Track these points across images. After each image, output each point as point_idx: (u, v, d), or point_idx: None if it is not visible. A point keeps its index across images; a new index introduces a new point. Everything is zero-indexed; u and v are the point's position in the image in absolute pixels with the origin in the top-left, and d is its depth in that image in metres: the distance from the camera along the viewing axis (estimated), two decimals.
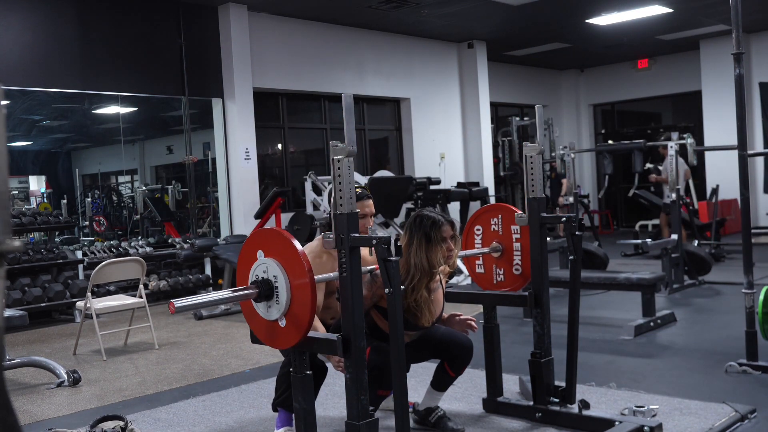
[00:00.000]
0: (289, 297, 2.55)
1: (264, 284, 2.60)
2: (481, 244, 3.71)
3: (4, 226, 0.84)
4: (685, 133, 8.06)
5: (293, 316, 2.57)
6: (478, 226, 3.74)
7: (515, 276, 3.64)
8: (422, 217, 3.16)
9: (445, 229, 3.13)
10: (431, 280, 3.15)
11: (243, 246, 2.75)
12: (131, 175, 11.21)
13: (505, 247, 3.64)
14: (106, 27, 8.05)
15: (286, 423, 3.36)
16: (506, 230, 3.63)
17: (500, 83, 13.17)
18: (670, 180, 7.51)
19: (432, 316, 3.19)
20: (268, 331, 2.68)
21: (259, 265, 2.64)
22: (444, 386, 3.44)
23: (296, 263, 2.53)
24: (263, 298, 2.62)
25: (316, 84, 10.03)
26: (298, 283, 2.53)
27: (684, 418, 3.37)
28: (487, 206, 3.98)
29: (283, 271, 2.56)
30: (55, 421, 3.87)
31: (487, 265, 3.75)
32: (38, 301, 6.71)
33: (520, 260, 3.60)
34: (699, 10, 10.34)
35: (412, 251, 3.10)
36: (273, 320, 2.63)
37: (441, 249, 3.10)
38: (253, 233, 2.77)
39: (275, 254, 2.60)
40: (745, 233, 4.21)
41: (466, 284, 8.22)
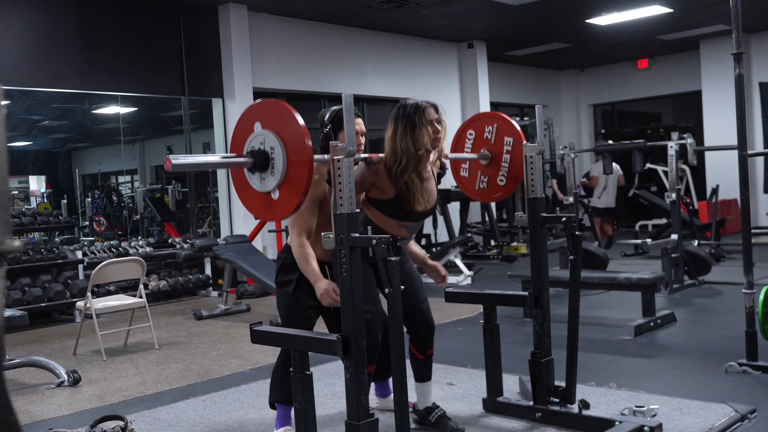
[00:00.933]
0: (285, 167, 2.46)
1: (260, 155, 2.52)
2: (471, 149, 3.66)
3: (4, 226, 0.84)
4: (685, 133, 8.06)
5: (288, 188, 2.48)
6: (471, 131, 3.68)
7: (498, 186, 3.61)
8: (405, 105, 3.13)
9: (429, 112, 3.10)
10: (419, 164, 3.10)
11: (240, 117, 2.65)
12: (131, 175, 11.21)
13: (495, 155, 3.59)
14: (106, 27, 8.05)
15: (285, 422, 3.36)
16: (499, 140, 3.58)
17: (500, 83, 13.17)
18: (670, 180, 7.50)
19: (426, 204, 3.16)
20: (263, 203, 2.60)
21: (255, 136, 2.55)
22: (423, 375, 3.42)
23: (293, 131, 2.43)
24: (258, 169, 2.53)
25: (316, 84, 10.03)
26: (296, 160, 2.44)
27: (684, 418, 3.37)
28: (483, 113, 3.89)
29: (280, 142, 2.46)
30: (55, 421, 3.87)
31: (473, 170, 3.70)
32: (38, 301, 6.71)
33: (506, 172, 3.56)
34: (699, 10, 10.34)
35: (398, 137, 3.07)
36: (266, 192, 2.55)
37: (427, 131, 3.07)
38: (252, 105, 2.66)
39: (273, 126, 2.51)
40: (745, 233, 4.21)
41: (466, 284, 8.22)
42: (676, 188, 7.38)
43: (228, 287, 7.10)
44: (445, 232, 10.07)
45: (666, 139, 9.81)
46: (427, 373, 3.44)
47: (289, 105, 2.53)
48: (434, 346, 3.46)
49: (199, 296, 8.37)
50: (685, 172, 11.56)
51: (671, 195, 7.32)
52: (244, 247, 7.11)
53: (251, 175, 2.58)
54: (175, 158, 2.39)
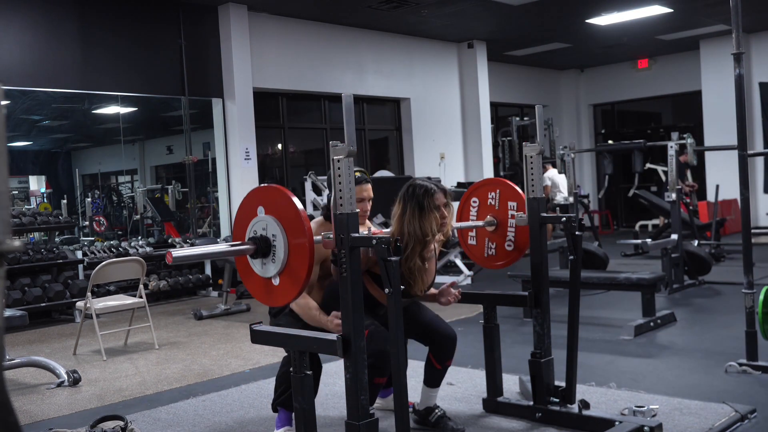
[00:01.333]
0: (286, 256, 2.50)
1: (262, 241, 2.56)
2: (476, 216, 3.69)
3: (4, 226, 0.84)
4: (685, 133, 8.06)
5: (289, 276, 2.52)
6: (475, 199, 3.72)
7: (507, 251, 3.63)
8: (414, 186, 3.14)
9: (438, 197, 3.12)
10: (425, 249, 3.13)
11: (243, 200, 2.68)
12: (131, 175, 11.20)
13: (500, 221, 3.62)
14: (106, 27, 8.06)
15: (285, 423, 3.36)
16: (503, 205, 3.61)
17: (500, 83, 13.17)
18: (671, 180, 7.51)
19: (424, 285, 3.18)
20: (264, 289, 2.64)
21: (258, 221, 2.59)
22: (435, 382, 3.42)
23: (296, 223, 2.48)
24: (260, 255, 2.58)
25: (316, 84, 10.03)
26: (297, 243, 2.48)
27: (684, 418, 3.37)
28: (485, 180, 3.95)
29: (282, 231, 2.51)
30: (55, 421, 3.87)
31: (480, 238, 3.73)
32: (38, 301, 6.71)
33: (513, 236, 3.58)
34: (699, 10, 10.35)
35: (406, 220, 3.08)
36: (268, 278, 2.60)
37: (434, 217, 3.08)
38: (255, 189, 2.70)
39: (276, 212, 2.54)
40: (745, 233, 4.21)
41: (466, 284, 8.22)
42: (676, 188, 7.38)
43: (228, 287, 7.10)
44: None
45: (666, 139, 9.81)
46: (440, 381, 3.45)
47: (289, 192, 2.57)
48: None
49: (199, 296, 8.37)
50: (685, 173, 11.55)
51: (671, 195, 7.32)
52: None
53: (253, 260, 2.63)
54: (177, 252, 2.45)
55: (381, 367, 2.97)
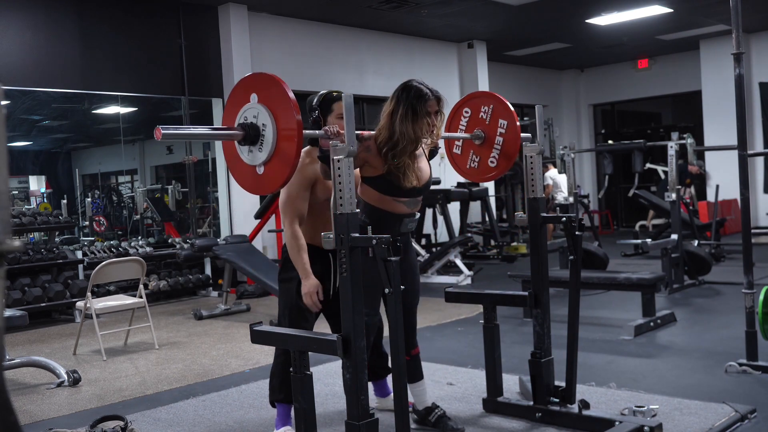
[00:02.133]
0: (274, 145, 2.47)
1: (251, 128, 2.52)
2: (466, 127, 3.66)
3: (4, 226, 0.84)
4: (685, 133, 8.06)
5: (276, 163, 2.49)
6: (467, 109, 3.68)
7: (489, 167, 3.60)
8: (410, 87, 3.10)
9: (431, 104, 3.09)
10: (416, 149, 3.12)
11: (237, 84, 2.63)
12: (131, 175, 11.20)
13: (488, 136, 3.59)
14: (106, 27, 8.05)
15: (285, 422, 3.35)
16: (494, 121, 3.58)
17: (500, 83, 13.17)
18: (671, 180, 7.51)
19: (417, 180, 3.14)
20: (251, 177, 2.60)
21: (249, 108, 2.55)
22: (414, 375, 3.39)
23: (288, 115, 2.44)
24: (247, 142, 2.54)
25: (316, 84, 10.01)
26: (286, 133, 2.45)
27: (684, 418, 3.37)
28: (481, 92, 3.91)
29: (272, 122, 2.47)
30: (55, 421, 3.87)
31: (466, 148, 3.70)
32: (38, 301, 6.71)
33: (498, 154, 3.56)
34: (699, 10, 10.34)
35: (397, 119, 3.05)
36: (254, 165, 2.57)
37: (426, 122, 3.07)
38: (252, 75, 2.64)
39: (268, 101, 2.50)
40: (745, 233, 4.21)
41: (466, 284, 8.22)
42: (676, 188, 7.38)
43: (228, 287, 7.10)
44: (445, 232, 10.07)
45: (666, 139, 9.81)
46: (417, 372, 3.41)
47: (283, 81, 2.51)
48: (434, 346, 3.46)
49: (199, 296, 8.37)
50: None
51: (671, 195, 7.33)
52: (244, 247, 7.11)
53: (241, 147, 2.59)
54: (165, 129, 2.40)
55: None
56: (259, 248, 8.19)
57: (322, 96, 3.30)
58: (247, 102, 2.56)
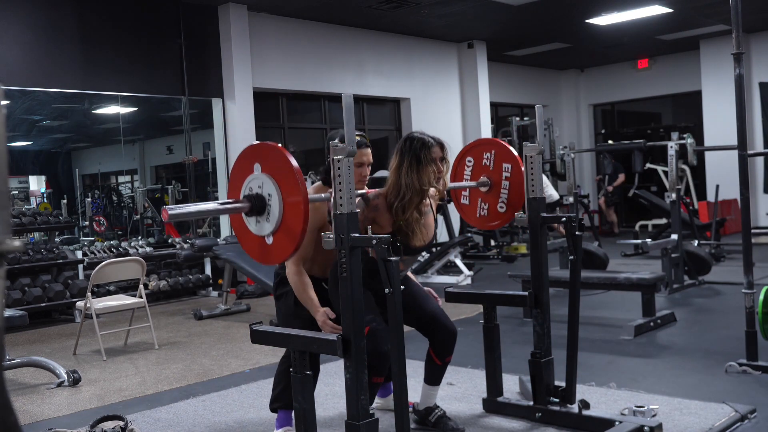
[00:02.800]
0: (281, 215, 2.49)
1: (257, 199, 2.54)
2: (471, 176, 3.68)
3: (4, 226, 0.84)
4: (685, 133, 8.06)
5: (284, 234, 2.51)
6: (470, 158, 3.71)
7: (499, 213, 3.62)
8: (412, 138, 3.14)
9: (435, 150, 3.12)
10: (422, 201, 3.13)
11: (240, 155, 2.66)
12: (131, 175, 11.20)
13: (494, 182, 3.61)
14: (106, 27, 8.05)
15: (285, 423, 3.36)
16: (497, 166, 3.60)
17: (500, 83, 13.17)
18: (670, 181, 7.51)
19: (423, 239, 3.17)
20: (259, 247, 2.63)
21: (254, 178, 2.57)
22: (435, 379, 3.41)
23: (292, 182, 2.47)
24: (254, 213, 2.57)
25: (316, 84, 10.03)
26: (292, 202, 2.47)
27: (684, 418, 3.37)
28: (481, 140, 3.94)
29: (277, 189, 2.49)
30: (55, 421, 3.87)
31: (473, 197, 3.72)
32: (38, 301, 6.71)
33: (506, 198, 3.58)
34: (699, 10, 10.34)
35: (403, 172, 3.08)
36: (262, 236, 2.59)
37: (431, 170, 3.09)
38: (254, 145, 2.68)
39: (272, 171, 2.53)
40: (745, 233, 4.21)
41: (466, 284, 8.22)
42: (676, 188, 7.38)
43: (228, 287, 7.10)
44: (445, 232, 10.06)
45: (666, 139, 9.81)
46: (440, 378, 3.44)
47: (285, 149, 2.55)
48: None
49: (199, 296, 8.37)
50: (685, 172, 11.56)
51: (671, 195, 7.33)
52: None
53: (248, 218, 2.62)
54: (172, 209, 2.43)
55: (378, 367, 2.96)
56: None
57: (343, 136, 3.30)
58: (250, 172, 2.59)
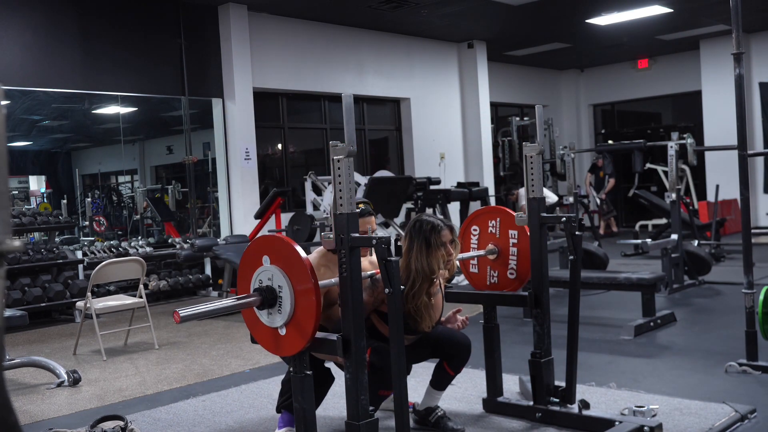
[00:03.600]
0: (292, 308, 2.56)
1: (268, 292, 2.61)
2: (477, 245, 3.72)
3: (4, 226, 0.84)
4: (685, 133, 8.06)
5: (296, 326, 2.57)
6: (475, 227, 3.75)
7: (509, 279, 3.65)
8: (422, 222, 3.18)
9: (444, 234, 3.15)
10: (431, 285, 3.16)
11: (248, 248, 2.73)
12: (131, 175, 11.21)
13: (501, 249, 3.65)
14: (106, 27, 8.05)
15: (288, 424, 3.35)
16: (503, 233, 3.64)
17: (500, 83, 13.17)
18: (670, 181, 7.50)
19: (432, 321, 3.21)
20: (272, 339, 2.69)
21: (263, 271, 2.64)
22: (443, 385, 3.44)
23: (302, 275, 2.53)
24: (266, 306, 2.63)
25: (316, 84, 10.03)
26: (302, 291, 2.53)
27: (684, 418, 3.37)
28: (485, 208, 3.99)
29: (288, 282, 2.55)
30: (55, 421, 3.87)
31: (482, 266, 3.76)
32: (38, 301, 6.71)
33: (515, 264, 3.61)
34: (699, 10, 10.34)
35: (413, 256, 3.12)
36: (275, 328, 2.65)
37: (441, 254, 3.12)
38: (261, 238, 2.75)
39: (281, 262, 2.59)
40: (745, 233, 4.21)
41: (466, 284, 8.21)
42: (676, 188, 7.38)
43: (228, 287, 7.10)
44: None
45: (666, 139, 9.81)
46: (447, 384, 3.45)
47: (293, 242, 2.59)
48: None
49: (199, 296, 8.37)
50: (685, 172, 11.56)
51: (671, 195, 7.32)
52: (243, 247, 7.08)
53: (260, 311, 2.67)
54: (183, 311, 2.45)
55: (386, 380, 2.96)
56: None
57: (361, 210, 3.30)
58: (260, 265, 2.64)
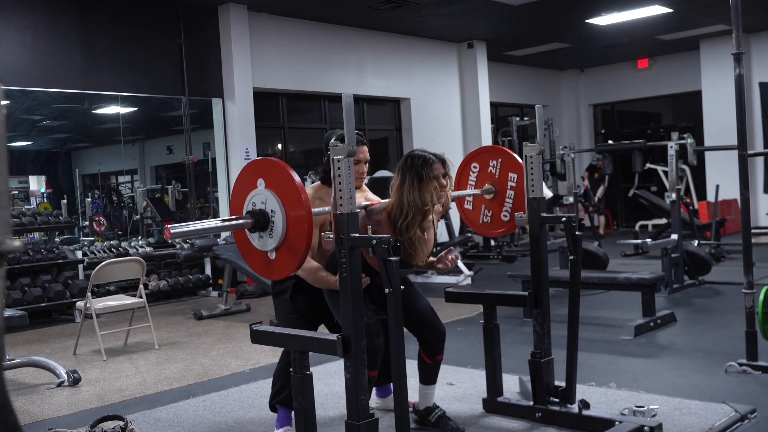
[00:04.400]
0: (284, 233, 2.50)
1: (260, 215, 2.55)
2: (475, 183, 3.67)
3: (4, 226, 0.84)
4: (685, 133, 8.06)
5: (287, 250, 2.52)
6: (476, 164, 3.69)
7: (502, 221, 3.62)
8: (413, 156, 3.12)
9: (437, 167, 3.10)
10: (425, 219, 3.12)
11: (242, 170, 2.66)
12: (131, 175, 11.21)
13: (499, 190, 3.61)
14: (106, 27, 8.05)
15: (285, 423, 3.36)
16: (503, 174, 3.60)
17: (500, 83, 13.17)
18: (670, 181, 7.50)
19: (424, 255, 3.17)
20: (263, 262, 2.63)
21: (257, 194, 2.58)
22: (429, 378, 3.41)
23: (295, 199, 2.48)
24: (258, 229, 2.58)
25: (316, 84, 10.02)
26: (295, 217, 2.47)
27: (684, 418, 3.37)
28: (488, 146, 3.94)
29: (281, 206, 2.50)
30: (55, 421, 3.87)
31: (477, 204, 3.71)
32: (38, 301, 6.71)
33: (510, 207, 3.57)
34: (699, 10, 10.34)
35: (405, 190, 3.07)
36: (266, 251, 2.60)
37: (433, 187, 3.07)
38: (258, 160, 2.67)
39: (275, 186, 2.53)
40: (745, 233, 4.21)
41: (466, 284, 8.22)
42: (676, 188, 7.38)
43: (228, 287, 7.10)
44: (445, 232, 10.07)
45: (666, 139, 9.80)
46: (434, 377, 3.44)
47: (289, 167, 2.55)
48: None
49: (199, 296, 8.37)
50: (685, 172, 11.56)
51: (671, 195, 7.32)
52: None
53: (251, 234, 2.63)
54: (174, 228, 2.43)
55: (371, 360, 2.96)
56: None
57: (340, 136, 3.30)
58: (254, 188, 2.59)
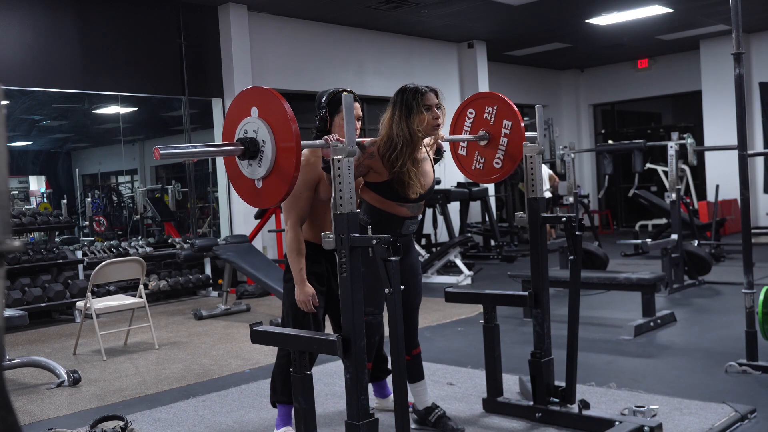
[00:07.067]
0: (272, 164, 2.48)
1: (250, 143, 2.53)
2: (470, 128, 3.66)
3: (4, 226, 0.84)
4: (685, 133, 8.06)
5: (274, 181, 2.51)
6: (472, 110, 3.67)
7: (494, 168, 3.60)
8: (405, 89, 3.10)
9: (429, 97, 3.07)
10: (414, 150, 3.09)
11: (237, 97, 2.64)
12: (131, 175, 11.21)
13: (493, 137, 3.59)
14: (106, 27, 8.05)
15: (286, 422, 3.36)
16: (498, 122, 3.58)
17: (500, 83, 13.17)
18: (670, 181, 7.50)
19: (422, 188, 3.13)
20: (251, 190, 2.62)
21: (249, 122, 2.55)
22: (414, 375, 3.40)
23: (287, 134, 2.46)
24: (247, 157, 2.56)
25: (316, 84, 10.02)
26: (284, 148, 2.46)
27: (684, 418, 3.37)
28: (484, 93, 3.91)
29: (272, 138, 2.48)
30: (55, 421, 3.87)
31: (471, 150, 3.70)
32: (38, 301, 6.71)
33: (503, 155, 3.56)
34: (699, 10, 10.34)
35: (394, 122, 3.05)
36: (254, 179, 2.58)
37: (424, 117, 3.05)
38: (255, 88, 2.63)
39: (267, 116, 2.51)
40: (745, 233, 4.21)
41: (466, 284, 8.22)
42: (676, 188, 7.38)
43: (228, 287, 7.10)
44: (445, 232, 10.07)
45: (666, 139, 9.81)
46: (418, 372, 3.42)
47: (282, 98, 2.51)
48: (434, 346, 3.45)
49: (199, 296, 8.37)
50: (685, 172, 11.56)
51: (671, 195, 7.32)
52: (244, 247, 7.11)
53: (241, 161, 2.60)
54: (164, 148, 2.41)
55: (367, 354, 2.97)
56: (259, 248, 8.19)
57: (332, 94, 3.30)
58: (247, 115, 2.56)
